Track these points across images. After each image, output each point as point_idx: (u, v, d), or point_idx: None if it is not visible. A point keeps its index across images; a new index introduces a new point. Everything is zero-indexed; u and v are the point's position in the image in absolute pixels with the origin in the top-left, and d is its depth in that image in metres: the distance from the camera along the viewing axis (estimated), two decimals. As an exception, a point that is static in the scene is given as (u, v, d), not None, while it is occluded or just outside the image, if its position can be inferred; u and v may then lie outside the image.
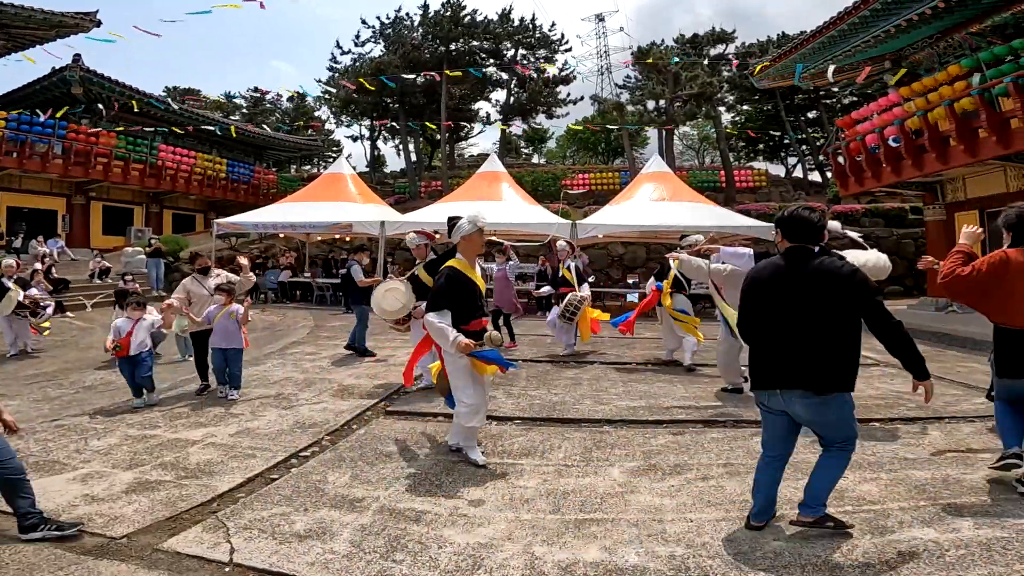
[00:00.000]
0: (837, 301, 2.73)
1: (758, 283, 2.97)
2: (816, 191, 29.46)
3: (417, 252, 6.24)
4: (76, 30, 17.25)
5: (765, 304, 2.90)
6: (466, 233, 4.12)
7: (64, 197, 21.26)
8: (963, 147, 11.09)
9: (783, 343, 2.82)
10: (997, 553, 2.65)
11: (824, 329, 2.74)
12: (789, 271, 2.86)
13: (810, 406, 2.80)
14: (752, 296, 2.98)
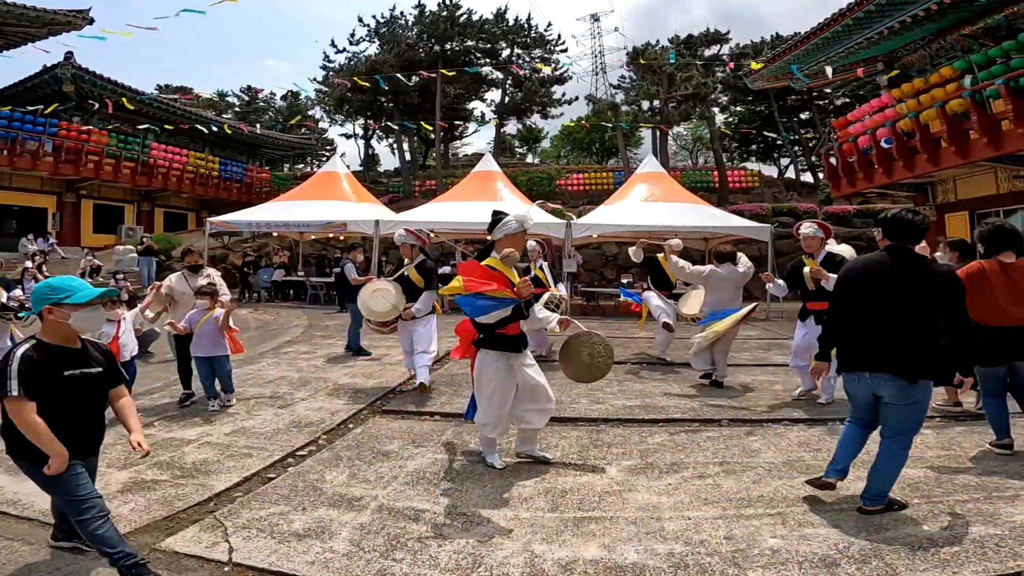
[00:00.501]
0: (933, 297, 2.99)
1: (855, 276, 3.22)
2: (808, 192, 29.64)
3: (404, 250, 6.02)
4: (68, 28, 17.12)
5: (862, 295, 3.14)
6: (511, 232, 3.87)
7: (54, 195, 21.09)
8: (954, 149, 11.19)
9: (878, 331, 3.05)
10: (991, 550, 2.68)
11: (919, 321, 2.99)
12: (890, 267, 3.10)
13: (898, 389, 3.00)
14: (849, 288, 3.22)
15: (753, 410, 5.26)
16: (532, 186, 26.50)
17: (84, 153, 20.24)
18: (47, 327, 2.54)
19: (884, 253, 3.21)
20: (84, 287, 2.58)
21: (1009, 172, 11.83)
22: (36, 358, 2.44)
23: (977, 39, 11.91)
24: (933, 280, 3.01)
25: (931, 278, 3.01)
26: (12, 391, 2.35)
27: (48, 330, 2.54)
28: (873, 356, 3.05)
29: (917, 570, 2.53)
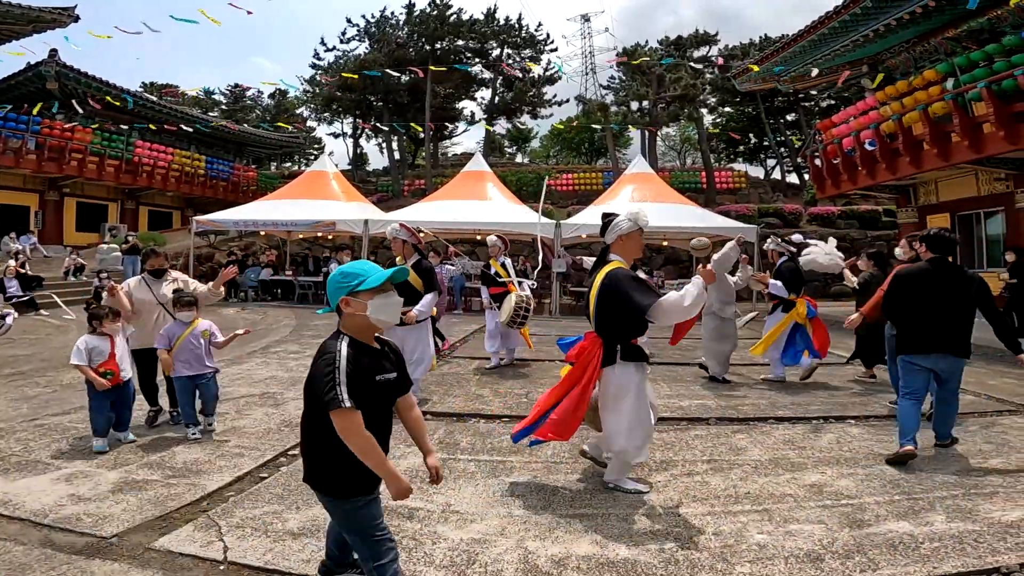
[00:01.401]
0: (971, 295, 3.96)
1: (910, 281, 4.10)
2: (794, 193, 29.97)
3: (396, 247, 5.53)
4: (53, 25, 16.94)
5: (918, 296, 4.04)
6: (624, 232, 3.54)
7: (37, 193, 20.80)
8: (936, 151, 11.39)
9: (934, 323, 3.98)
10: (969, 546, 2.76)
11: (963, 314, 3.97)
12: (936, 274, 4.03)
13: (954, 363, 4.04)
14: (905, 290, 4.11)
15: (740, 409, 5.35)
16: (522, 186, 26.56)
17: (67, 151, 19.99)
18: (349, 323, 2.15)
19: (928, 264, 4.10)
20: (376, 270, 2.16)
21: (990, 174, 12.06)
22: (358, 359, 2.05)
23: (960, 42, 12.12)
24: (971, 282, 3.99)
25: (969, 281, 3.99)
26: (344, 401, 1.94)
27: (351, 326, 2.15)
28: (935, 342, 3.96)
29: (898, 565, 2.60)
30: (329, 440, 2.02)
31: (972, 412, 5.26)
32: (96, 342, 4.18)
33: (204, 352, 4.56)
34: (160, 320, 4.79)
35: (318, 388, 2.01)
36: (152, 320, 4.78)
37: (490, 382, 6.44)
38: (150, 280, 4.94)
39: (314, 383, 2.04)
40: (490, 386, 6.22)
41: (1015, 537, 2.84)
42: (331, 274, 2.24)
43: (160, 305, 4.83)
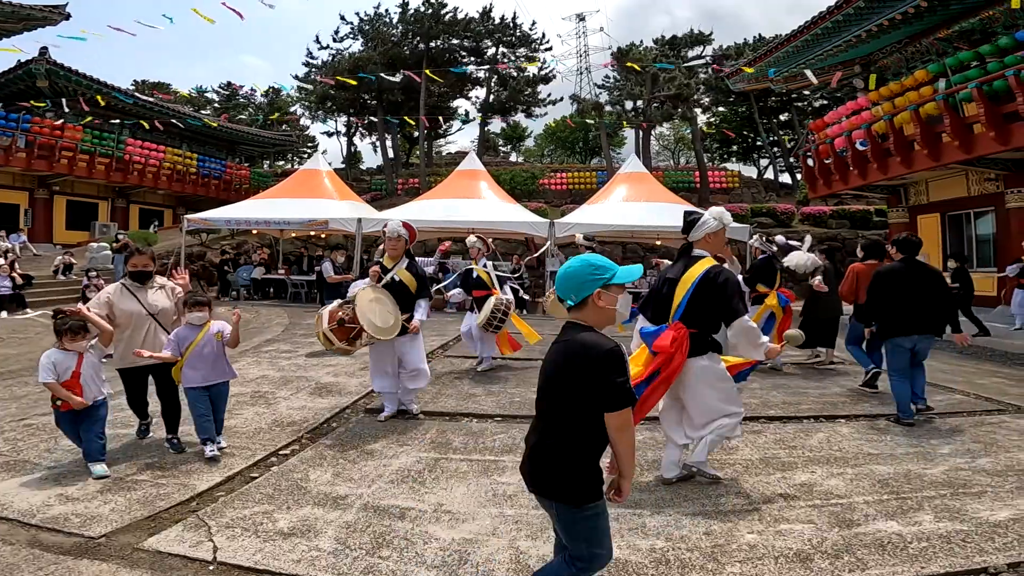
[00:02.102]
0: (937, 288, 4.94)
1: (889, 278, 5.04)
2: (787, 192, 30.13)
3: (392, 246, 5.00)
4: (44, 23, 16.81)
5: (896, 289, 4.95)
6: (712, 230, 3.58)
7: (27, 191, 20.62)
8: (927, 151, 11.48)
9: (911, 309, 4.90)
10: (957, 545, 2.78)
11: (932, 301, 4.89)
12: (908, 270, 5.02)
13: (929, 341, 5.01)
14: (885, 285, 5.03)
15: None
16: (516, 185, 26.56)
17: (58, 149, 19.82)
18: (595, 316, 2.03)
19: (901, 263, 5.11)
20: (618, 266, 2.09)
21: (980, 175, 12.17)
22: None
23: (952, 43, 12.21)
24: (934, 275, 5.05)
25: (933, 274, 5.06)
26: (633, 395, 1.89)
27: (597, 319, 2.03)
28: (914, 324, 4.89)
29: (887, 565, 2.61)
30: (589, 442, 1.95)
31: (961, 411, 5.30)
32: (62, 357, 3.65)
33: (220, 357, 4.10)
34: (152, 334, 4.10)
35: (607, 386, 1.87)
36: (142, 335, 4.05)
37: (483, 381, 6.43)
38: (133, 286, 4.15)
39: (600, 380, 1.88)
40: (483, 385, 6.22)
41: (1003, 537, 2.86)
42: (577, 266, 2.08)
43: (151, 317, 4.09)
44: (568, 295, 2.06)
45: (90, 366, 3.74)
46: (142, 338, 4.05)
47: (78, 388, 3.63)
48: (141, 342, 4.02)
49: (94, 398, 3.70)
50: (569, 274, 2.07)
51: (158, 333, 4.11)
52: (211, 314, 4.15)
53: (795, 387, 6.30)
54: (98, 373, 3.81)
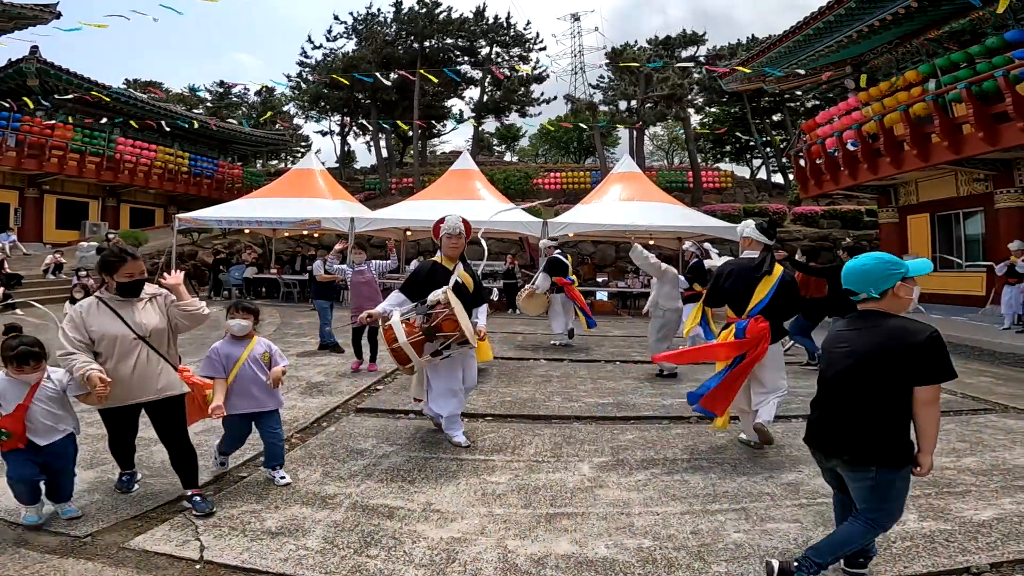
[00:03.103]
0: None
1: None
2: (779, 193, 30.25)
3: (456, 244, 4.42)
4: (35, 22, 16.71)
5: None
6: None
7: (17, 190, 20.46)
8: (916, 152, 11.56)
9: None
10: (940, 545, 2.80)
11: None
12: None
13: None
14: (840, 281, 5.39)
15: (722, 407, 5.39)
16: (510, 184, 26.56)
17: (48, 148, 19.68)
18: (894, 304, 2.35)
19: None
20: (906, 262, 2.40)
21: (969, 175, 12.26)
22: None
23: (942, 43, 12.30)
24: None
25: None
26: None
27: (896, 306, 2.35)
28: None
29: (871, 564, 2.62)
30: (903, 413, 2.25)
31: (947, 411, 5.33)
32: (7, 386, 2.87)
33: (267, 380, 3.50)
34: (145, 363, 3.09)
35: (932, 363, 2.18)
36: (131, 364, 3.05)
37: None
38: (114, 301, 3.13)
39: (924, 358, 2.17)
40: (474, 385, 6.22)
41: (986, 537, 2.88)
42: (872, 263, 2.36)
43: (140, 340, 3.10)
44: (867, 288, 2.35)
45: (47, 400, 2.93)
46: (131, 368, 3.05)
47: (19, 426, 2.81)
48: (130, 374, 3.05)
49: (47, 438, 2.90)
50: (867, 271, 2.36)
51: (152, 360, 3.14)
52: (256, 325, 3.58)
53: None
54: (62, 407, 3.00)
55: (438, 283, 4.15)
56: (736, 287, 4.17)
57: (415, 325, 4.01)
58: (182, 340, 3.67)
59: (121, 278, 3.12)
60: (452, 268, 4.28)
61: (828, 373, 2.44)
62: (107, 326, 3.07)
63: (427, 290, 4.14)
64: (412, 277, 4.34)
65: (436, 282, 4.17)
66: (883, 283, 2.32)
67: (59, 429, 2.97)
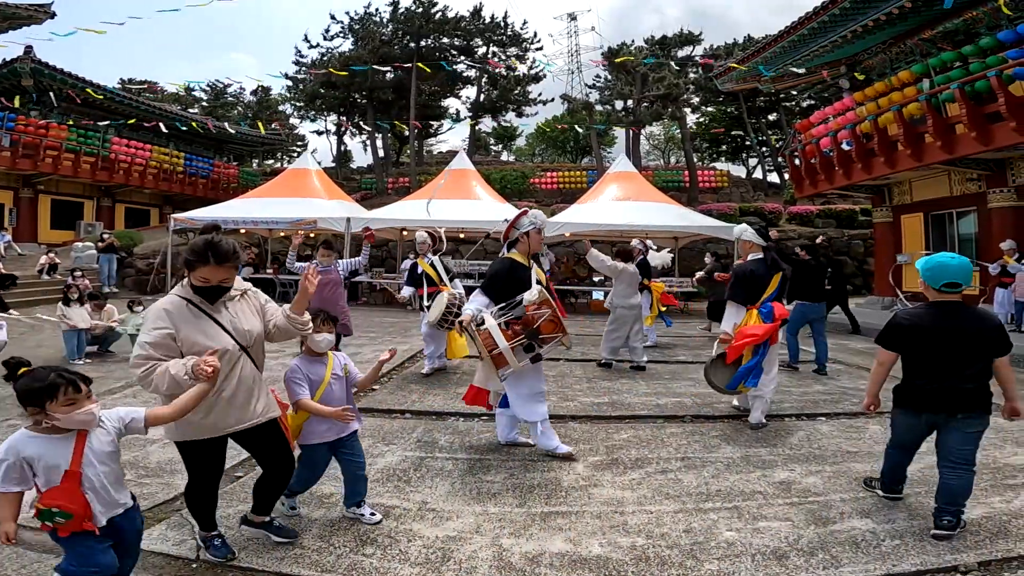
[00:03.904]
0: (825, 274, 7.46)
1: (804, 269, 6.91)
2: (775, 192, 30.33)
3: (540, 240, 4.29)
4: (29, 22, 16.65)
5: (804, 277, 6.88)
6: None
7: (11, 190, 20.37)
8: (910, 152, 11.61)
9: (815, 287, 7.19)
10: (929, 544, 2.84)
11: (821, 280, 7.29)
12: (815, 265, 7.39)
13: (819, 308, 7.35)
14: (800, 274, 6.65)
15: (715, 407, 5.43)
16: (506, 184, 26.57)
17: (42, 148, 19.60)
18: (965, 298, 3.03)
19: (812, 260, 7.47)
20: None
21: (962, 175, 12.33)
22: None
23: (935, 43, 12.35)
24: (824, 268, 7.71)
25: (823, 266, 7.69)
26: None
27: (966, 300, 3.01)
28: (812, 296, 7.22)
29: (859, 562, 2.67)
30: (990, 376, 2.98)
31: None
32: (41, 445, 2.02)
33: (349, 398, 3.11)
34: (247, 378, 2.57)
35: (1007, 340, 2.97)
36: (233, 382, 2.52)
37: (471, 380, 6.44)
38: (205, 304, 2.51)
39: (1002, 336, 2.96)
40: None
41: (975, 535, 2.91)
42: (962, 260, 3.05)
43: (243, 351, 2.57)
44: (967, 281, 3.03)
45: (106, 457, 2.13)
46: (233, 388, 2.51)
47: (80, 499, 2.02)
48: (232, 394, 2.51)
49: (113, 512, 2.13)
50: (964, 267, 3.02)
51: (255, 376, 2.63)
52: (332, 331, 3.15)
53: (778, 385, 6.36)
54: (115, 463, 2.18)
55: (519, 282, 4.00)
56: (762, 283, 4.83)
57: (514, 328, 3.81)
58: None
59: (196, 281, 2.46)
60: (530, 266, 4.13)
61: (940, 351, 2.98)
62: (204, 335, 2.43)
63: (509, 290, 3.97)
64: (494, 277, 4.05)
65: (517, 281, 4.00)
66: (969, 278, 3.03)
67: (120, 501, 2.17)
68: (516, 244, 4.17)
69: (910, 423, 3.14)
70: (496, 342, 3.69)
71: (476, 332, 3.78)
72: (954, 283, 2.99)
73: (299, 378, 2.91)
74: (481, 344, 3.76)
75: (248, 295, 2.72)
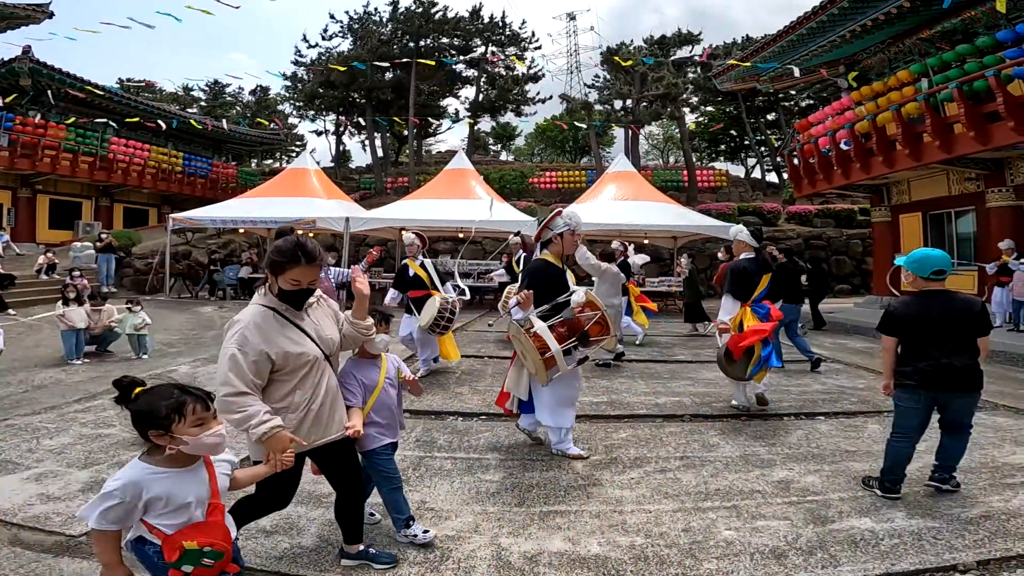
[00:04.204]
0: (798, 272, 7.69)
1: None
2: (773, 191, 30.34)
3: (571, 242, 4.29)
4: (27, 22, 16.67)
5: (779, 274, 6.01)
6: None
7: (9, 190, 20.37)
8: (908, 151, 11.61)
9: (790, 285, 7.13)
10: (928, 543, 2.83)
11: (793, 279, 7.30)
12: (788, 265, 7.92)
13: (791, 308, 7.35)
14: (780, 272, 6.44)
15: (713, 406, 5.43)
16: (505, 184, 26.57)
17: (40, 147, 19.60)
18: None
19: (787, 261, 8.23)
20: None
21: (961, 174, 12.33)
22: None
23: (934, 43, 12.35)
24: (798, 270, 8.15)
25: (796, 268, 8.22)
26: None
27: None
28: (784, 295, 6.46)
29: (858, 562, 2.66)
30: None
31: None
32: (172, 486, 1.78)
33: (400, 404, 2.97)
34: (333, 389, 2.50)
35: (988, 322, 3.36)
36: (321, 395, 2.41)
37: (469, 380, 6.46)
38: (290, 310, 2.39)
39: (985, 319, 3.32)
40: (469, 384, 6.24)
41: (973, 534, 2.91)
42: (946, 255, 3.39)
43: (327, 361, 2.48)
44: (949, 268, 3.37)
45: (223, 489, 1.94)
46: (320, 400, 2.40)
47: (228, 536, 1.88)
48: (319, 407, 2.40)
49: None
50: (943, 256, 3.36)
51: (336, 387, 2.55)
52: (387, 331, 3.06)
53: (776, 385, 6.37)
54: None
55: (555, 284, 3.98)
56: (756, 280, 5.11)
57: (558, 331, 3.74)
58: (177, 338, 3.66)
59: (285, 284, 2.33)
60: (563, 267, 4.09)
61: (933, 334, 3.27)
62: (294, 344, 2.31)
63: (547, 292, 3.93)
64: (532, 279, 4.00)
65: (554, 283, 3.98)
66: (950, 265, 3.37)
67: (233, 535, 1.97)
68: (549, 245, 4.15)
69: (914, 402, 3.33)
70: (548, 345, 3.61)
71: (524, 335, 3.69)
72: (940, 270, 3.32)
73: (352, 384, 2.69)
74: (530, 347, 3.65)
75: (322, 302, 2.57)
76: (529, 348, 3.66)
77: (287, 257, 2.30)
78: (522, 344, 3.76)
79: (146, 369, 6.84)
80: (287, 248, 2.31)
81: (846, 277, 19.45)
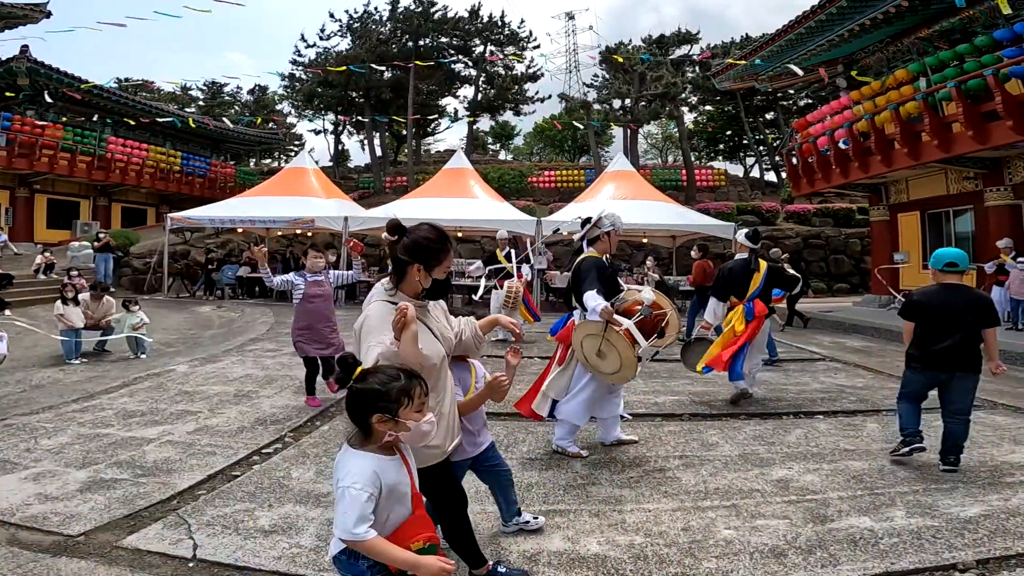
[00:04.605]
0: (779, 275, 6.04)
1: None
2: (772, 191, 30.37)
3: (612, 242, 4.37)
4: (25, 21, 16.64)
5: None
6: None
7: (7, 190, 20.36)
8: (906, 150, 11.62)
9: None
10: (927, 541, 2.83)
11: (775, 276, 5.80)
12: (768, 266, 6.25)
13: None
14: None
15: (712, 405, 5.43)
16: (504, 183, 26.55)
17: (38, 147, 19.57)
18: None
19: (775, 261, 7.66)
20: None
21: (959, 173, 12.34)
22: None
23: (932, 42, 12.35)
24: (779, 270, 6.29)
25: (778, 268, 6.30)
26: None
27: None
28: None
29: (857, 561, 2.66)
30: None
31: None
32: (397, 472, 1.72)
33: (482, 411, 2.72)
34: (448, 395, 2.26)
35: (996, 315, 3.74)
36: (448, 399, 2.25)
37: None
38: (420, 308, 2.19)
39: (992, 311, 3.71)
40: (468, 384, 6.23)
41: (973, 533, 2.90)
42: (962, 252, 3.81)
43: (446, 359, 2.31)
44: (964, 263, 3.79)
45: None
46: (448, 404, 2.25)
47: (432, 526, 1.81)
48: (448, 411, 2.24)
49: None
50: (960, 253, 3.78)
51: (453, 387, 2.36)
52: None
53: (775, 384, 6.38)
54: None
55: (612, 279, 4.10)
56: (738, 280, 5.43)
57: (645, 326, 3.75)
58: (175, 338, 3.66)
59: (439, 274, 2.19)
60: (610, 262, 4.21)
61: (943, 321, 3.68)
62: (429, 343, 2.13)
63: (609, 288, 3.95)
64: (600, 273, 3.97)
65: (611, 278, 4.08)
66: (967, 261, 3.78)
67: None
68: (596, 243, 4.22)
69: (917, 378, 3.85)
70: (639, 341, 3.64)
71: (615, 333, 3.66)
72: (952, 263, 3.73)
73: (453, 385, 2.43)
74: (623, 344, 3.63)
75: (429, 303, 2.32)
76: (622, 346, 3.65)
77: (440, 244, 2.15)
78: (609, 342, 3.70)
79: (144, 369, 6.83)
80: (436, 237, 2.15)
81: (844, 276, 19.47)
